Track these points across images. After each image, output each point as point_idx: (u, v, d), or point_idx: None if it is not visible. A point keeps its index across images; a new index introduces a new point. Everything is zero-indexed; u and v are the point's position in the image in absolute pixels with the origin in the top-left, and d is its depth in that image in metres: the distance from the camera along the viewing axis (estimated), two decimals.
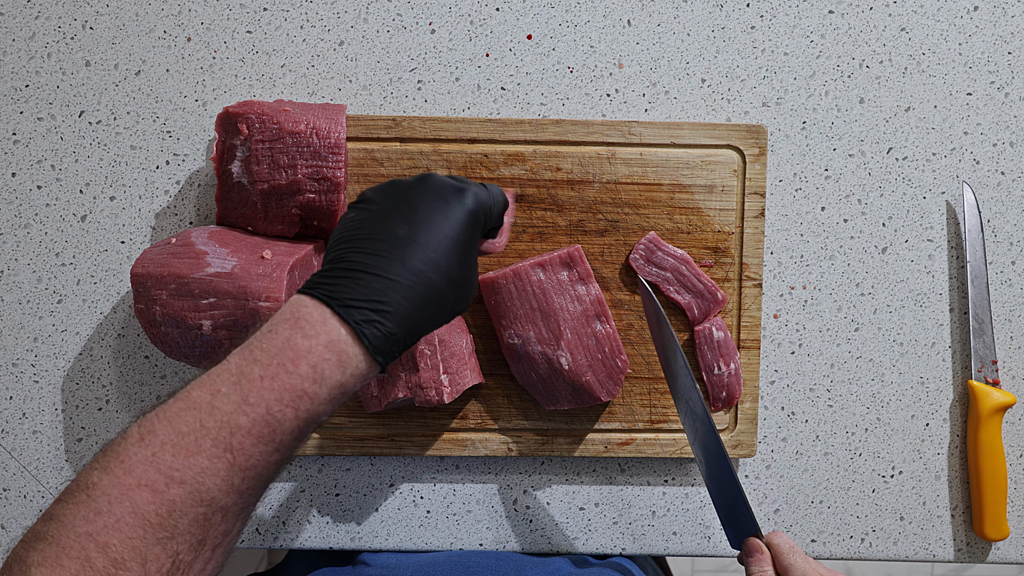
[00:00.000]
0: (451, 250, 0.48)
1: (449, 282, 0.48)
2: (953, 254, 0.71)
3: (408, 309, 0.46)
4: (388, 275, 0.46)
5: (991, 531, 0.70)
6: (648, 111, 0.70)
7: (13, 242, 0.69)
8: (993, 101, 0.71)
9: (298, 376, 0.43)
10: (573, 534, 0.71)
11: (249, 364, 0.43)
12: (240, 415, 0.42)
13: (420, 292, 0.46)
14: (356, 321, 0.44)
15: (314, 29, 0.69)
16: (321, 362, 0.43)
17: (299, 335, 0.44)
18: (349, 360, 0.44)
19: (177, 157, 0.69)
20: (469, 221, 0.49)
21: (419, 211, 0.48)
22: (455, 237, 0.48)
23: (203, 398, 0.42)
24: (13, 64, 0.68)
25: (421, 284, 0.46)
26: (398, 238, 0.47)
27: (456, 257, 0.48)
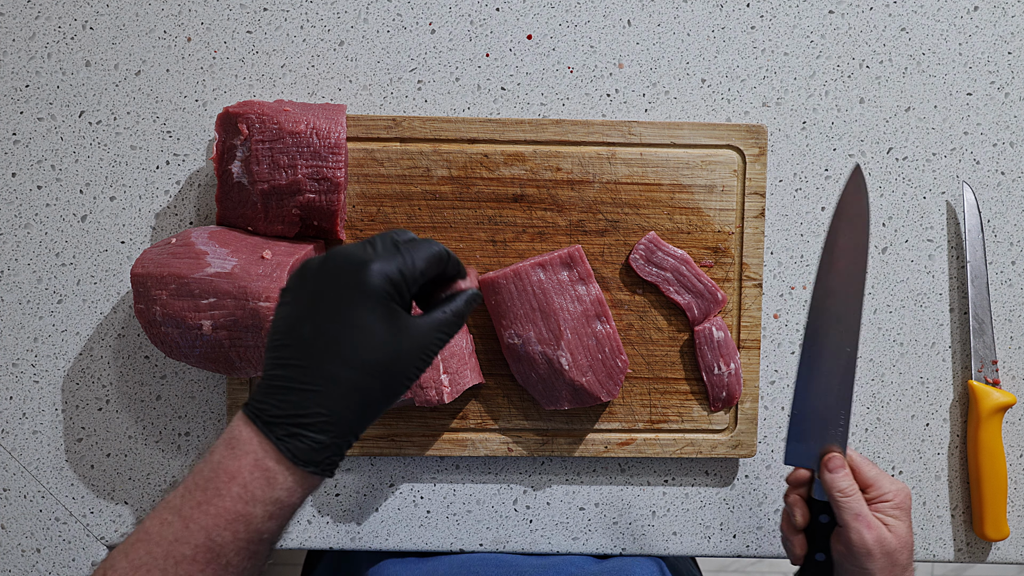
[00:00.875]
0: (361, 340, 0.45)
1: (369, 374, 0.45)
2: (953, 254, 0.71)
3: (331, 415, 0.44)
4: (303, 385, 0.44)
5: (991, 531, 0.70)
6: (648, 111, 0.70)
7: (13, 242, 0.69)
8: (993, 101, 0.71)
9: (230, 498, 0.43)
10: (573, 534, 0.71)
11: (191, 490, 0.44)
12: (182, 544, 0.43)
13: (340, 394, 0.44)
14: (278, 437, 0.44)
15: (314, 29, 0.69)
16: (250, 481, 0.43)
17: (230, 456, 0.44)
18: (276, 477, 0.44)
19: (177, 157, 0.69)
20: (374, 301, 0.45)
21: (320, 305, 0.45)
22: (361, 326, 0.45)
23: (153, 528, 0.44)
24: (13, 64, 0.68)
25: (338, 387, 0.44)
26: (305, 341, 0.45)
27: (368, 346, 0.45)
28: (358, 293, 0.45)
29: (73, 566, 0.70)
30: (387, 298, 0.45)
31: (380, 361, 0.45)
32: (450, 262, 0.49)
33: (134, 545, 0.44)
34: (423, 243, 0.48)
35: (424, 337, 0.47)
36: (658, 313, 0.68)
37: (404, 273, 0.46)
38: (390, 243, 0.47)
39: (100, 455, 0.70)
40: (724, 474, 0.71)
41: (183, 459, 0.70)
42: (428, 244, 0.48)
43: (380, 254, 0.46)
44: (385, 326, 0.45)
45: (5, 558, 0.70)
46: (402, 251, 0.47)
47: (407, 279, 0.46)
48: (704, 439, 0.69)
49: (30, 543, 0.70)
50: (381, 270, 0.45)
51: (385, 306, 0.45)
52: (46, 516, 0.70)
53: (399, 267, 0.46)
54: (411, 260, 0.47)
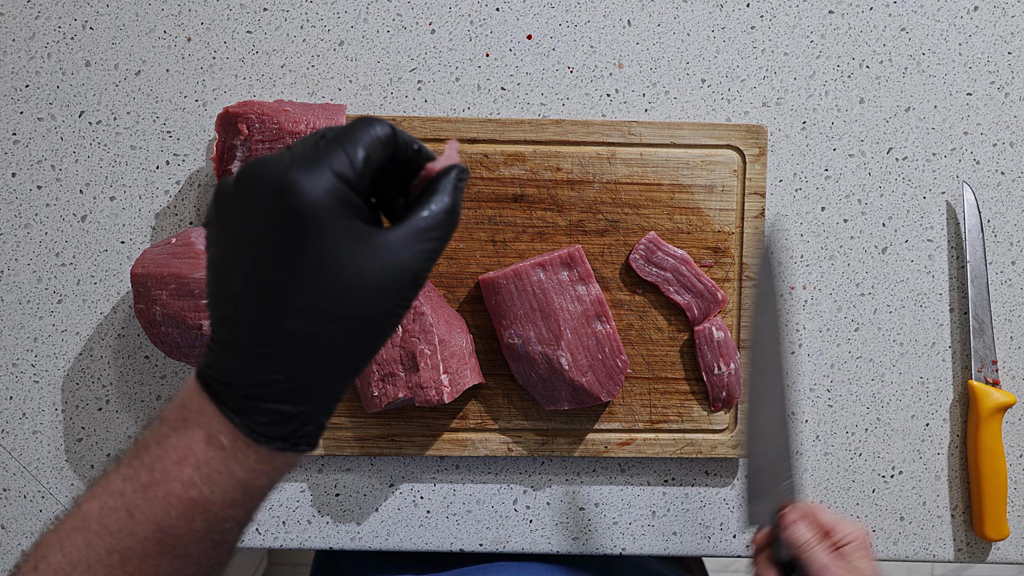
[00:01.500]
0: (308, 279, 0.34)
1: (330, 320, 0.35)
2: (953, 254, 0.71)
3: (292, 379, 0.35)
4: (249, 347, 0.35)
5: (991, 531, 0.70)
6: (648, 111, 0.70)
7: (13, 242, 0.69)
8: (993, 101, 0.71)
9: (181, 482, 0.35)
10: (573, 534, 0.71)
11: (136, 468, 0.36)
12: (127, 537, 0.36)
13: (298, 353, 0.35)
14: (233, 410, 0.35)
15: (314, 29, 0.69)
16: (205, 462, 0.36)
17: (180, 430, 0.36)
18: (235, 455, 0.36)
19: (177, 157, 0.69)
20: (313, 220, 0.34)
21: (244, 241, 0.35)
22: (302, 259, 0.34)
23: (92, 513, 0.36)
24: (13, 64, 0.68)
25: (293, 344, 0.35)
26: (238, 293, 0.35)
27: (319, 285, 0.34)
28: (287, 215, 0.34)
29: None
30: (329, 211, 0.34)
31: (340, 301, 0.35)
32: (399, 140, 0.38)
33: (70, 534, 0.36)
34: (354, 124, 0.37)
35: (400, 252, 0.36)
36: (658, 313, 0.68)
37: (342, 171, 0.35)
38: (312, 141, 0.36)
39: (100, 455, 0.70)
40: (724, 474, 0.71)
41: None
42: (362, 123, 0.37)
43: (303, 156, 0.35)
44: (337, 251, 0.34)
45: (5, 558, 0.70)
46: (331, 145, 0.36)
47: (350, 177, 0.35)
48: (704, 439, 0.69)
49: (30, 543, 0.70)
50: (311, 177, 0.34)
51: (331, 223, 0.34)
52: (46, 516, 0.70)
53: (333, 166, 0.35)
54: (347, 151, 0.36)
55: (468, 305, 0.68)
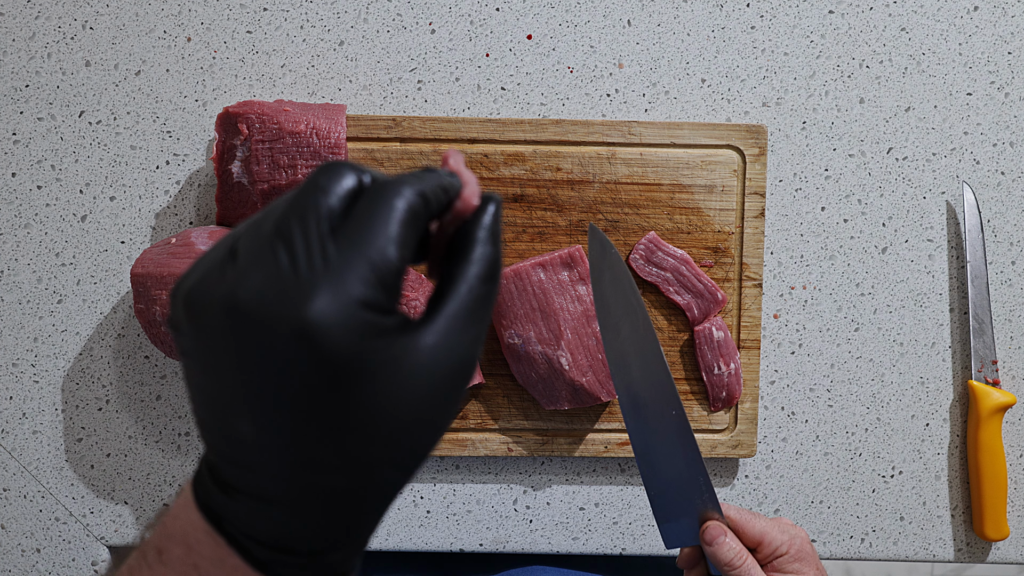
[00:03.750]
0: (344, 430, 0.28)
1: (366, 468, 0.29)
2: (953, 254, 0.71)
3: (320, 532, 0.29)
4: (270, 500, 0.28)
5: (991, 531, 0.70)
6: (648, 111, 0.70)
7: (13, 242, 0.69)
8: (993, 101, 0.71)
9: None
10: (573, 534, 0.71)
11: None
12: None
13: (334, 505, 0.29)
14: (250, 562, 0.29)
15: (314, 29, 0.69)
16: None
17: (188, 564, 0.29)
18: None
19: (177, 157, 0.69)
20: (351, 364, 0.27)
21: (249, 382, 0.27)
22: (343, 407, 0.27)
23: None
24: (13, 64, 0.68)
25: (323, 498, 0.29)
26: (249, 441, 0.28)
27: (361, 432, 0.28)
28: (316, 369, 0.26)
29: (73, 566, 0.70)
30: (367, 352, 0.27)
31: (387, 443, 0.28)
32: (432, 202, 0.30)
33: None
34: (375, 204, 0.28)
35: (445, 357, 0.29)
36: (658, 313, 0.68)
37: (373, 299, 0.27)
38: (318, 237, 0.27)
39: (100, 455, 0.70)
40: (724, 474, 0.71)
41: (183, 459, 0.70)
42: (383, 198, 0.29)
43: (316, 281, 0.26)
44: (377, 394, 0.27)
45: (5, 558, 0.70)
46: (352, 254, 0.27)
47: (383, 303, 0.28)
48: (704, 439, 0.69)
49: (30, 543, 0.70)
50: (341, 318, 0.26)
51: (370, 364, 0.27)
52: (46, 516, 0.70)
53: (363, 294, 0.27)
54: (374, 260, 0.27)
55: None
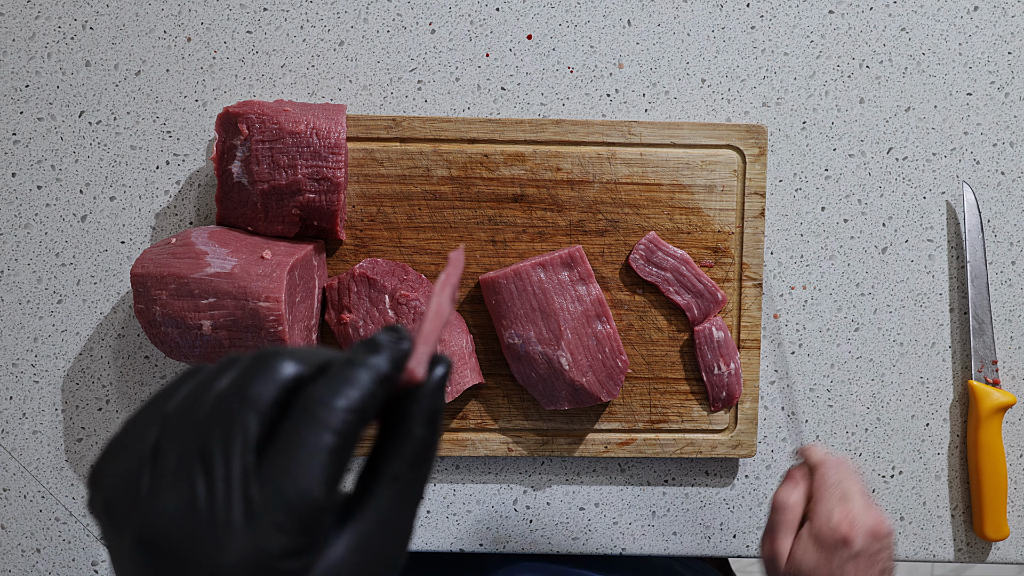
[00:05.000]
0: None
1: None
2: (953, 254, 0.71)
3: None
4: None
5: (991, 531, 0.70)
6: (648, 111, 0.70)
7: (13, 242, 0.69)
8: (993, 101, 0.71)
9: None
10: (573, 534, 0.71)
11: None
12: None
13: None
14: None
15: (314, 29, 0.69)
16: None
17: None
18: None
19: (177, 157, 0.69)
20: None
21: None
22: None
23: None
24: (13, 64, 0.68)
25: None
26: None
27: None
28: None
29: (73, 566, 0.70)
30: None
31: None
32: (368, 402, 0.29)
33: None
34: (306, 431, 0.27)
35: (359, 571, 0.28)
36: (658, 313, 0.68)
37: (292, 538, 0.27)
38: (239, 473, 0.27)
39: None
40: (724, 474, 0.71)
41: None
42: (317, 429, 0.28)
43: (236, 520, 0.26)
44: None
45: (5, 558, 0.70)
46: (269, 491, 0.26)
47: (302, 532, 0.27)
48: (704, 439, 0.69)
49: (30, 543, 0.70)
50: (247, 565, 0.26)
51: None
52: (46, 516, 0.70)
53: (278, 540, 0.26)
54: (297, 502, 0.27)
55: (468, 305, 0.68)
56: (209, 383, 0.28)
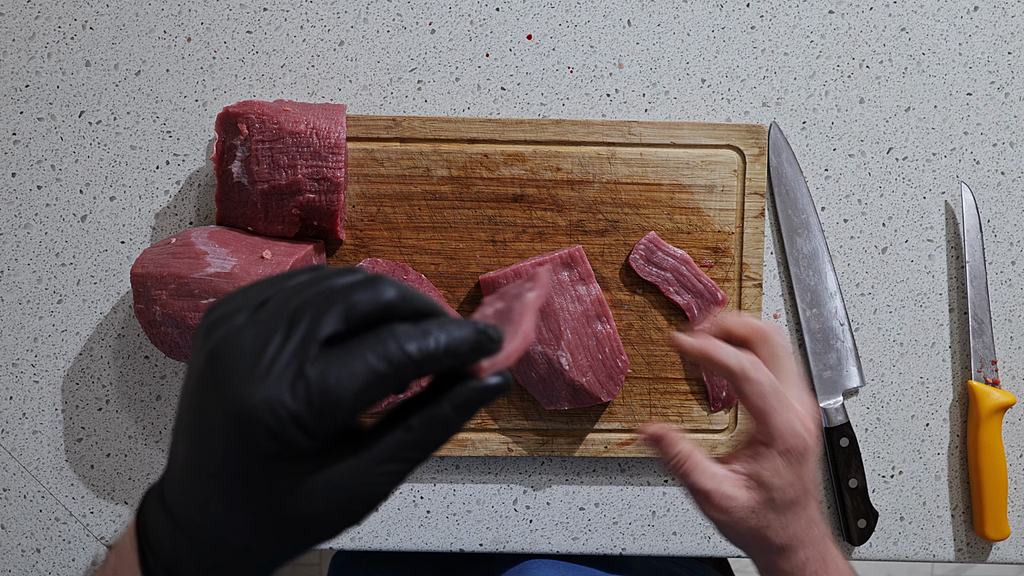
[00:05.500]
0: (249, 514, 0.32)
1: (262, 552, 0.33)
2: (953, 254, 0.71)
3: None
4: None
5: (991, 531, 0.70)
6: (648, 111, 0.70)
7: (13, 242, 0.69)
8: (993, 101, 0.71)
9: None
10: (573, 534, 0.71)
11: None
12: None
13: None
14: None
15: (314, 29, 0.69)
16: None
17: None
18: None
19: (177, 157, 0.69)
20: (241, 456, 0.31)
21: (192, 428, 0.33)
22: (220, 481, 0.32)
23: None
24: (13, 64, 0.68)
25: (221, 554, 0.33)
26: (176, 459, 0.34)
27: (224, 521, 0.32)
28: (230, 436, 0.31)
29: (73, 566, 0.70)
30: (260, 457, 0.31)
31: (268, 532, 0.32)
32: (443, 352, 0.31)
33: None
34: (367, 352, 0.31)
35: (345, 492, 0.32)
36: (658, 313, 0.68)
37: (311, 417, 0.30)
38: (313, 347, 0.31)
39: (100, 455, 0.70)
40: None
41: None
42: (374, 358, 0.31)
43: (283, 376, 0.30)
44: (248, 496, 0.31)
45: (5, 558, 0.70)
46: (319, 375, 0.30)
47: (317, 418, 0.30)
48: (704, 439, 0.69)
49: (30, 543, 0.70)
50: (270, 409, 0.30)
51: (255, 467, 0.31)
52: (46, 516, 0.70)
53: (298, 401, 0.30)
54: (330, 395, 0.30)
55: (468, 305, 0.68)
56: (327, 278, 0.33)
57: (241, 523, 0.32)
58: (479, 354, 0.32)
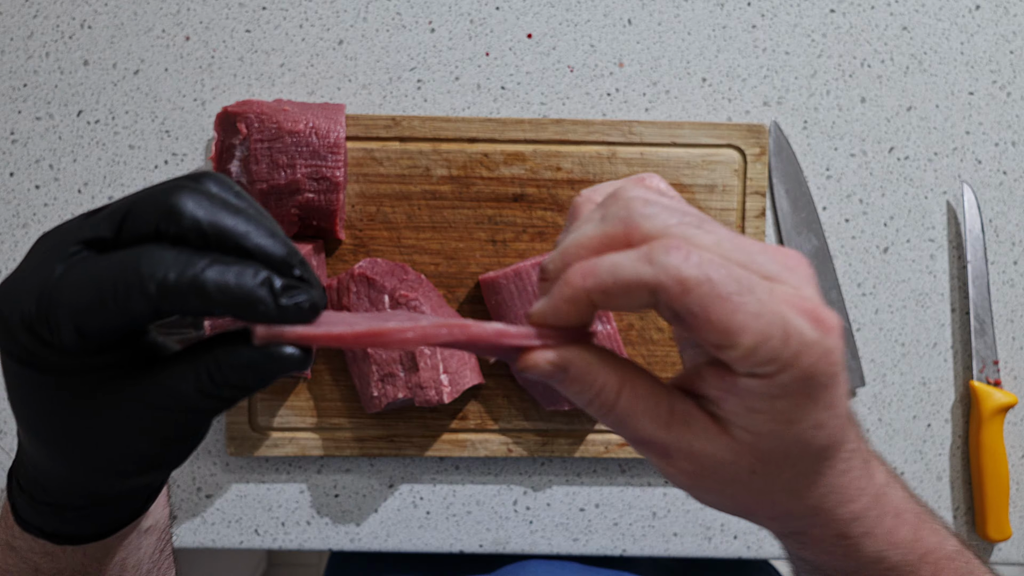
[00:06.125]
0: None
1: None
2: (954, 254, 0.71)
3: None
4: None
5: (993, 532, 0.70)
6: (649, 110, 0.70)
7: (12, 242, 0.68)
8: (995, 100, 0.70)
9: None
10: (573, 535, 0.71)
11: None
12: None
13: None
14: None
15: (313, 28, 0.69)
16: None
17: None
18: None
19: (176, 157, 0.69)
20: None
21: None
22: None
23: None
24: (11, 63, 0.68)
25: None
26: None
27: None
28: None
29: None
30: (14, 360, 0.28)
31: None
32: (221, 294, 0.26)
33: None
34: (128, 262, 0.27)
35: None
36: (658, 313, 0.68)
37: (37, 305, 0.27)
38: (77, 249, 0.28)
39: None
40: None
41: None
42: (135, 269, 0.26)
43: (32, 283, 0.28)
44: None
45: None
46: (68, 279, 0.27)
47: (38, 324, 0.27)
48: None
49: None
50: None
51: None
52: None
53: (30, 298, 0.27)
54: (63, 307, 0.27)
55: (468, 305, 0.67)
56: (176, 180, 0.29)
57: (31, 443, 0.30)
58: (248, 312, 0.26)
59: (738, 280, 0.26)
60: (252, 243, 0.27)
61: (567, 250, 0.28)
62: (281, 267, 0.27)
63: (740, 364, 0.27)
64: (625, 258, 0.27)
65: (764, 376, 0.27)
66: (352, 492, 0.70)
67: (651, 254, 0.26)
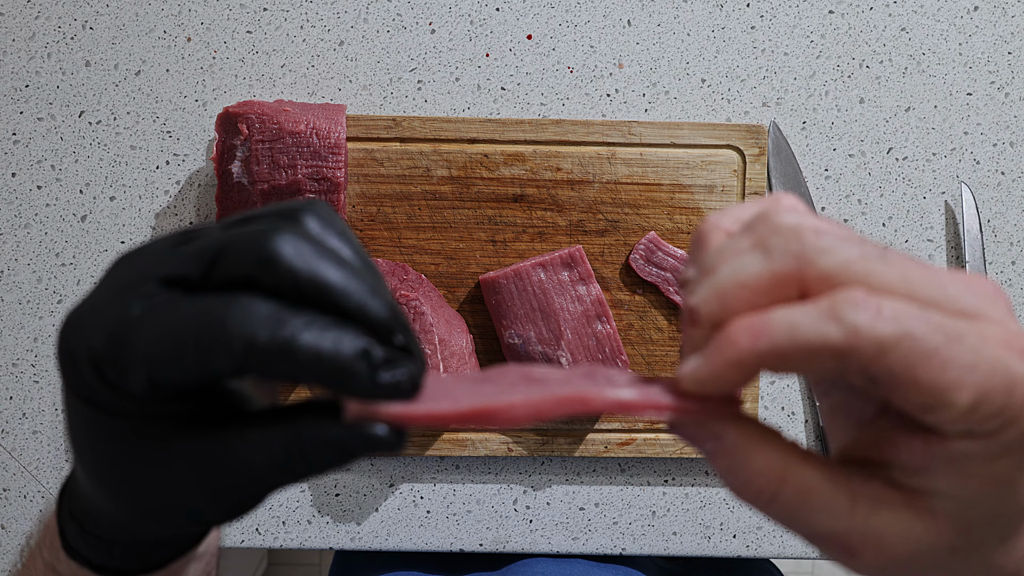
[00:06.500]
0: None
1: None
2: (953, 254, 0.71)
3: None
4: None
5: None
6: (648, 111, 0.70)
7: (13, 242, 0.69)
8: (993, 101, 0.71)
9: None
10: (573, 534, 0.71)
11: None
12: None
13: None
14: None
15: (314, 29, 0.69)
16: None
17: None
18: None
19: (177, 157, 0.69)
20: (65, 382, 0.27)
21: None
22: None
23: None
24: (13, 64, 0.68)
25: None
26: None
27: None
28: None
29: None
30: (78, 399, 0.26)
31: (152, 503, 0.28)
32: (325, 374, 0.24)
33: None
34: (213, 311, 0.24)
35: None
36: (658, 313, 0.68)
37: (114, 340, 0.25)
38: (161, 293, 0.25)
39: None
40: None
41: None
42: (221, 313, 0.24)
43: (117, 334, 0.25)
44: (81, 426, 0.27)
45: (5, 558, 0.70)
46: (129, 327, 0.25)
47: (108, 365, 0.25)
48: None
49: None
50: (67, 326, 0.26)
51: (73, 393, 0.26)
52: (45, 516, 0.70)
53: (99, 334, 0.25)
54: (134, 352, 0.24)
55: (468, 305, 0.68)
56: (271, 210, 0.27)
57: (85, 477, 0.29)
58: (342, 385, 0.24)
59: (943, 329, 0.21)
60: (353, 304, 0.24)
61: (725, 290, 0.23)
62: (382, 332, 0.24)
63: (955, 425, 0.22)
64: (803, 316, 0.22)
65: (984, 436, 0.22)
66: (353, 491, 0.70)
67: (835, 310, 0.22)
